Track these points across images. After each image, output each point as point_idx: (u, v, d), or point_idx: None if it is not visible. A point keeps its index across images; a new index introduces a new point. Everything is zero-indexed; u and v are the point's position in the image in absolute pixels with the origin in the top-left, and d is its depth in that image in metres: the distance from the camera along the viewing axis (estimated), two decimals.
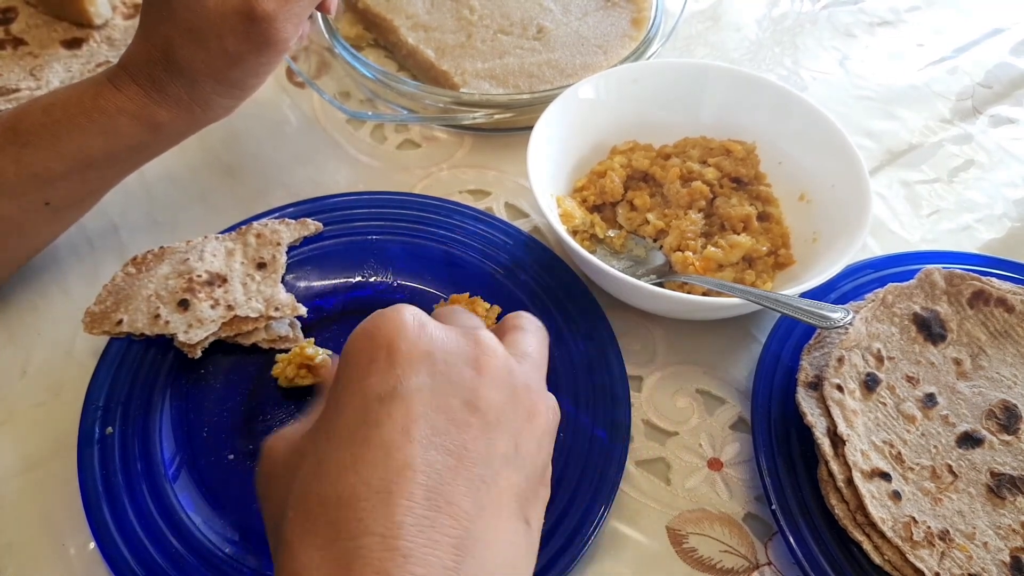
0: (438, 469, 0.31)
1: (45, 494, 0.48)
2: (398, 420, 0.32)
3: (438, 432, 0.32)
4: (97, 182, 0.53)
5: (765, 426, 0.48)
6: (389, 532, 0.29)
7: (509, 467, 0.33)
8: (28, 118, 0.48)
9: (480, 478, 0.32)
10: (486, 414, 0.33)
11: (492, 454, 0.33)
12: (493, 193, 0.65)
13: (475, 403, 0.33)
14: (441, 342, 0.35)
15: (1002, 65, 0.79)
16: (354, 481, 0.31)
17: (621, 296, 0.55)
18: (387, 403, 0.32)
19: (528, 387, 0.36)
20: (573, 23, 0.72)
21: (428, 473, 0.31)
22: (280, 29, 0.48)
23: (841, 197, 0.56)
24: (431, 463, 0.31)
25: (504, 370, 0.35)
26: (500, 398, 0.34)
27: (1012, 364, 0.51)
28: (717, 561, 0.47)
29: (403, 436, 0.31)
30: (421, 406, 0.32)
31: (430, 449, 0.32)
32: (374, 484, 0.30)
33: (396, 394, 0.33)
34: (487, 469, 0.32)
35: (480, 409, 0.33)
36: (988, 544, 0.44)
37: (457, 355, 0.35)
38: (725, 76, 0.62)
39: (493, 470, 0.33)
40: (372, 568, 0.29)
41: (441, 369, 0.34)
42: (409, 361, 0.33)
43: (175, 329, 0.49)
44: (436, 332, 0.35)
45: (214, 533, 0.45)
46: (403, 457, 0.31)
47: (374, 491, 0.30)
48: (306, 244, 0.57)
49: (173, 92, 0.49)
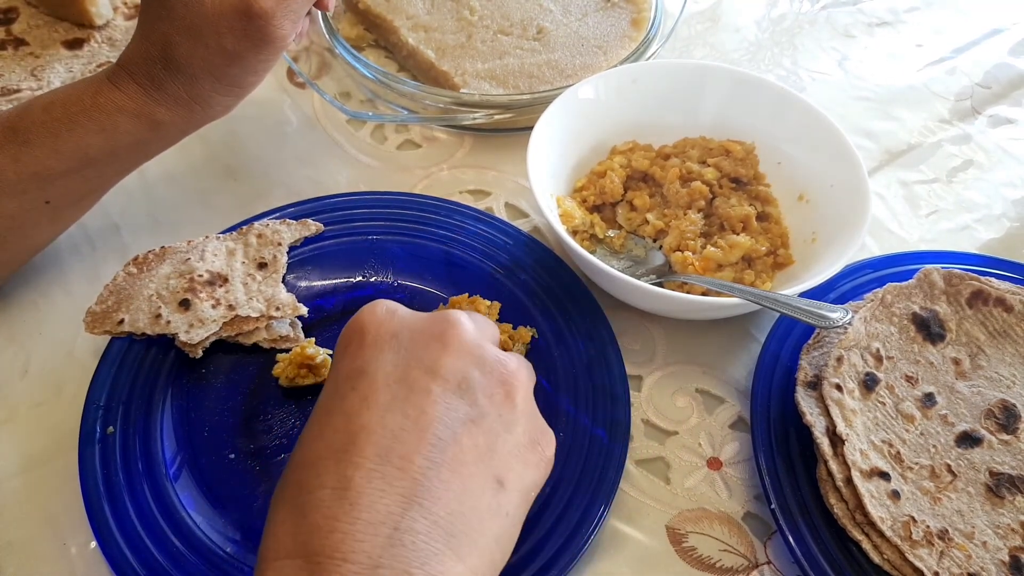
0: (393, 430, 0.34)
1: (46, 493, 0.48)
2: (361, 391, 0.36)
3: (397, 399, 0.35)
4: (97, 181, 0.53)
5: (764, 425, 0.49)
6: (340, 484, 0.33)
7: (475, 428, 0.36)
8: (27, 117, 0.49)
9: (436, 436, 0.35)
10: (447, 380, 0.36)
11: (452, 416, 0.36)
12: (493, 193, 0.65)
13: (437, 370, 0.36)
14: (409, 323, 0.39)
15: (1001, 65, 0.79)
16: (319, 447, 0.35)
17: (621, 296, 0.55)
18: (353, 379, 0.36)
19: (498, 358, 0.39)
20: (573, 24, 0.72)
21: (383, 434, 0.34)
22: (278, 26, 0.48)
23: (840, 197, 0.56)
24: (387, 425, 0.35)
25: (472, 343, 0.38)
26: (463, 365, 0.37)
27: (1011, 364, 0.51)
28: (716, 560, 0.47)
29: (362, 404, 0.35)
30: (384, 378, 0.36)
31: (387, 413, 0.35)
32: (334, 446, 0.34)
33: (362, 371, 0.37)
34: (445, 430, 0.35)
35: (441, 376, 0.36)
36: (987, 543, 0.44)
37: (424, 332, 0.38)
38: (724, 76, 0.62)
39: (452, 431, 0.35)
40: (322, 514, 0.32)
41: (406, 346, 0.37)
42: (376, 342, 0.38)
43: (176, 329, 0.49)
44: (406, 316, 0.39)
45: (215, 532, 0.45)
46: (361, 421, 0.35)
47: (332, 451, 0.34)
48: (307, 244, 0.58)
49: (172, 90, 0.49)
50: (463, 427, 0.36)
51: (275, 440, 0.49)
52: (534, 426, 0.39)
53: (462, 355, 0.37)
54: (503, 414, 0.37)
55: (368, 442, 0.34)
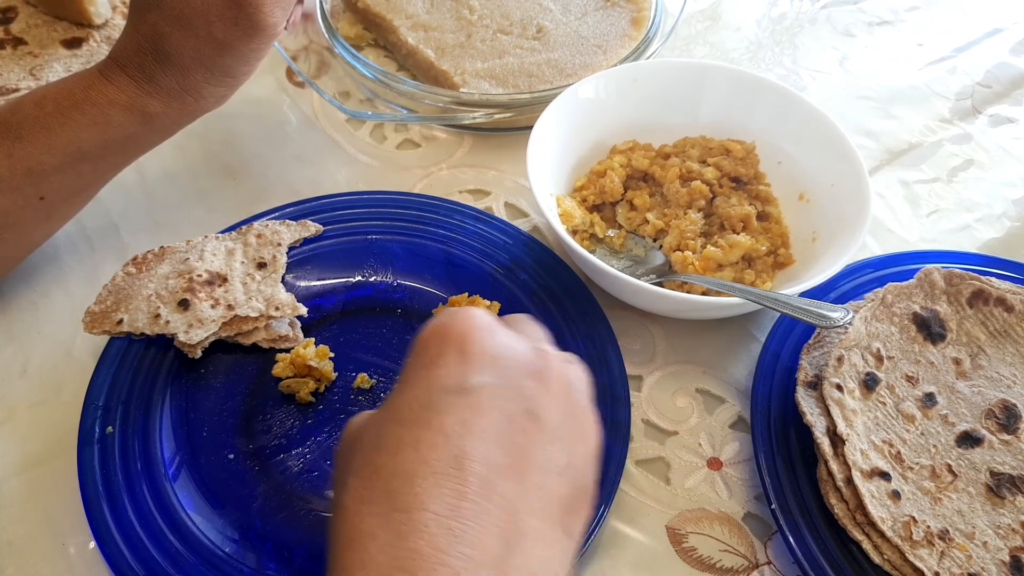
0: (494, 464, 0.32)
1: (45, 493, 0.48)
2: (461, 411, 0.33)
3: (498, 431, 0.33)
4: (91, 176, 0.52)
5: (764, 425, 0.49)
6: (443, 512, 0.31)
7: (561, 478, 0.35)
8: (19, 112, 0.48)
9: (532, 482, 0.33)
10: (544, 425, 0.35)
11: (546, 463, 0.34)
12: (493, 193, 0.65)
13: (536, 412, 0.35)
14: (509, 350, 0.36)
15: (1001, 65, 0.79)
16: (413, 458, 0.32)
17: (621, 296, 0.55)
18: (453, 395, 0.34)
19: (585, 408, 0.38)
20: (573, 23, 0.72)
21: (484, 465, 0.32)
22: (268, 14, 0.48)
23: (840, 197, 0.56)
24: (488, 457, 0.32)
25: (565, 387, 0.37)
26: (559, 414, 0.35)
27: (1011, 364, 0.51)
28: (717, 560, 0.47)
29: (464, 427, 0.33)
30: (484, 403, 0.34)
31: (489, 444, 0.33)
32: (431, 464, 0.32)
33: (463, 388, 0.34)
34: (541, 476, 0.34)
35: (540, 419, 0.35)
36: (988, 543, 0.44)
37: (523, 364, 0.36)
38: (725, 76, 0.62)
39: (545, 477, 0.34)
40: (426, 542, 0.30)
41: (507, 375, 0.35)
42: (478, 360, 0.35)
43: (175, 329, 0.49)
44: (505, 339, 0.37)
45: (214, 532, 0.45)
46: (462, 445, 0.32)
47: (431, 471, 0.32)
48: (306, 244, 0.58)
49: (164, 82, 0.49)
50: (556, 477, 0.34)
51: (274, 440, 0.49)
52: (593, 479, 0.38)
53: (558, 401, 0.36)
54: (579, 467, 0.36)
55: (471, 471, 0.32)
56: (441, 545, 0.30)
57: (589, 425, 0.38)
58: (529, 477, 0.33)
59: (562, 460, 0.35)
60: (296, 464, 0.48)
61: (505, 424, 0.34)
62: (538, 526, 0.33)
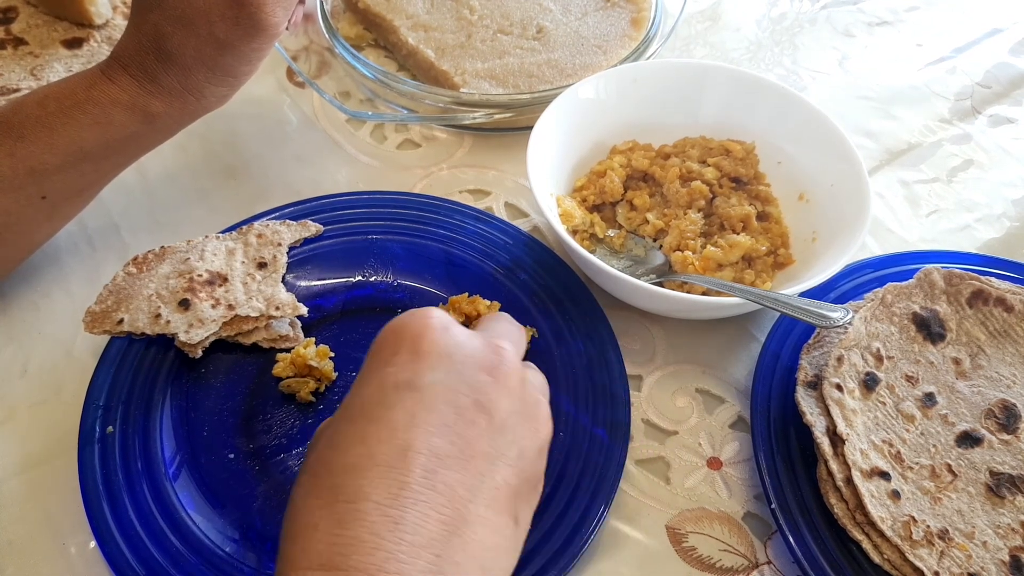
0: (439, 455, 0.33)
1: (45, 493, 0.48)
2: (409, 406, 0.34)
3: (445, 423, 0.34)
4: (93, 175, 0.52)
5: (764, 425, 0.49)
6: (384, 500, 0.32)
7: (509, 468, 0.36)
8: (21, 112, 0.48)
9: (479, 471, 0.34)
10: (493, 417, 0.36)
11: (494, 453, 0.35)
12: (493, 193, 0.65)
13: (485, 405, 0.36)
14: (462, 346, 0.37)
15: (1001, 65, 0.79)
16: (360, 452, 0.33)
17: (621, 296, 0.55)
18: (402, 391, 0.35)
19: (537, 401, 0.39)
20: (573, 23, 0.72)
21: (429, 456, 0.33)
22: (269, 14, 0.48)
23: (840, 197, 0.56)
24: (433, 448, 0.33)
25: (518, 382, 0.38)
26: (509, 406, 0.37)
27: (1011, 363, 0.51)
28: (716, 560, 0.47)
29: (411, 420, 0.34)
30: (432, 398, 0.35)
31: (434, 436, 0.34)
32: (377, 458, 0.33)
33: (412, 384, 0.35)
34: (487, 465, 0.35)
35: (488, 411, 0.36)
36: (987, 543, 0.44)
37: (476, 359, 0.37)
38: (724, 76, 0.62)
39: (493, 467, 0.35)
40: (366, 528, 0.31)
41: (458, 369, 0.36)
42: (429, 358, 0.36)
43: (176, 329, 0.49)
44: (459, 336, 0.38)
45: (214, 532, 0.45)
46: (408, 438, 0.33)
47: (376, 463, 0.33)
48: (306, 243, 0.58)
49: (166, 81, 0.49)
50: (504, 466, 0.35)
51: (274, 440, 0.49)
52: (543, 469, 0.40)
53: (508, 394, 0.37)
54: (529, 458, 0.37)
55: (415, 462, 0.33)
56: (380, 531, 0.31)
57: (541, 418, 0.39)
58: (475, 466, 0.34)
59: (511, 451, 0.36)
60: (296, 464, 0.48)
61: (453, 416, 0.35)
62: (484, 513, 0.34)
